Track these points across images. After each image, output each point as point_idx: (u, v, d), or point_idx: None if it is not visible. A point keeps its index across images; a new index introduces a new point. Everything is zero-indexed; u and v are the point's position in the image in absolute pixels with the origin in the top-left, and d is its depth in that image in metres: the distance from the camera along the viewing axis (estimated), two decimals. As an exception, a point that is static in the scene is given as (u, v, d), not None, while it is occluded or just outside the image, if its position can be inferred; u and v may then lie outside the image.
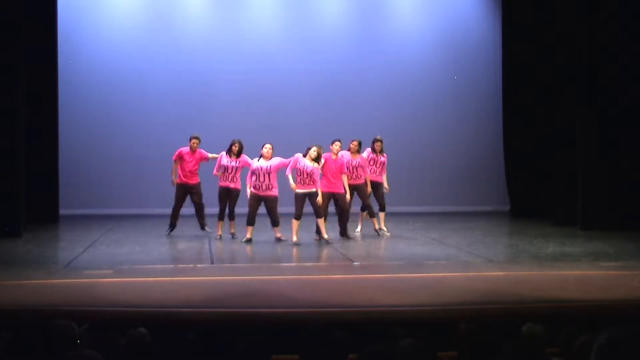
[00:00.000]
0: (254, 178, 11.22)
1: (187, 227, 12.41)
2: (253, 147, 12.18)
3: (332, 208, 11.77)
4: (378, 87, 16.13)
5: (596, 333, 4.00)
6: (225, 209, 11.72)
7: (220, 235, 11.76)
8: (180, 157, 12.04)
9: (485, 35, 16.37)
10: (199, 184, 12.13)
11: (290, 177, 11.08)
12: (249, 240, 11.32)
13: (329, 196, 11.46)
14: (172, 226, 12.19)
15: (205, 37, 15.89)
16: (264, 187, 11.19)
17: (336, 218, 11.76)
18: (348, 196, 11.54)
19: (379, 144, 12.18)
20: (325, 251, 10.83)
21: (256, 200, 11.30)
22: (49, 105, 14.02)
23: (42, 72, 13.70)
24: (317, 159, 11.13)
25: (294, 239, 11.15)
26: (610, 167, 12.42)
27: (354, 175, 11.83)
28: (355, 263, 9.75)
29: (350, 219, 11.77)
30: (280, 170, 11.30)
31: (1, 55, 11.76)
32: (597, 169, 12.50)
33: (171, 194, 14.23)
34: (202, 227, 12.17)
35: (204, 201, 12.18)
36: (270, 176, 11.18)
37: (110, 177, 15.46)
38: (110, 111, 15.52)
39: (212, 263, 9.88)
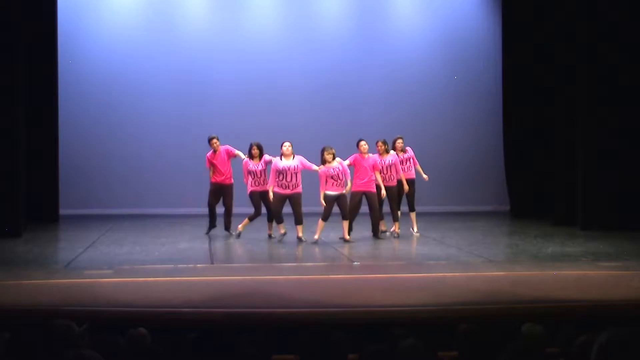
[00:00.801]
0: (280, 177, 11.22)
1: (188, 227, 12.41)
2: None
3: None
4: (378, 87, 16.13)
5: (596, 333, 4.00)
6: (260, 211, 11.67)
7: (240, 233, 11.72)
8: (210, 162, 12.00)
9: (485, 35, 16.37)
10: (231, 186, 12.07)
11: (322, 192, 11.18)
12: (284, 234, 11.34)
13: (361, 195, 11.48)
14: (212, 226, 12.13)
15: (205, 37, 15.88)
16: (291, 186, 11.25)
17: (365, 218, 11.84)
18: (383, 192, 11.54)
19: (400, 141, 12.17)
20: (325, 251, 10.83)
21: (281, 200, 11.33)
22: (49, 106, 14.02)
23: (42, 72, 13.71)
24: (333, 159, 11.22)
25: (316, 237, 11.23)
26: (610, 167, 12.42)
27: (386, 177, 11.78)
28: (355, 263, 9.75)
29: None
30: (304, 170, 11.39)
31: (1, 55, 11.75)
32: (597, 168, 12.49)
33: (171, 193, 14.30)
34: (227, 228, 12.07)
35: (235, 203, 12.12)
36: (297, 175, 11.26)
37: (110, 177, 15.47)
38: (110, 111, 15.52)
39: (212, 263, 9.88)
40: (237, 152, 11.97)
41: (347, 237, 11.31)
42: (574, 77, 12.88)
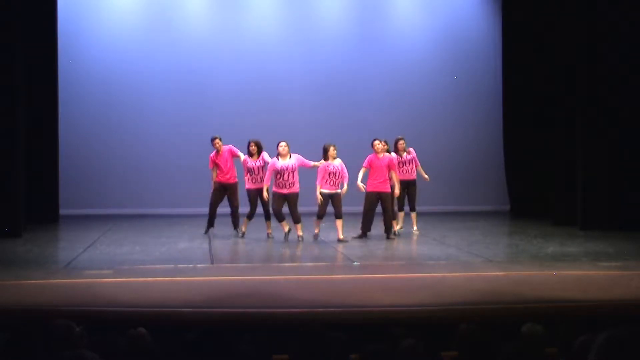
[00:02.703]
0: (278, 177, 11.26)
1: (188, 227, 12.42)
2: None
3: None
4: (378, 87, 16.14)
5: (596, 333, 4.00)
6: (255, 209, 11.73)
7: (244, 233, 11.80)
8: (214, 163, 12.01)
9: (485, 35, 16.38)
10: (236, 185, 12.07)
11: (319, 187, 11.30)
12: (289, 232, 11.41)
13: (376, 196, 11.49)
14: (210, 225, 12.13)
15: (205, 37, 15.89)
16: (288, 185, 11.28)
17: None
18: (397, 191, 11.58)
19: (402, 142, 12.23)
20: (325, 251, 10.83)
21: (281, 199, 11.34)
22: (49, 105, 14.02)
23: (42, 72, 13.71)
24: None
25: (316, 231, 11.46)
26: (610, 168, 12.42)
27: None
28: (355, 263, 9.75)
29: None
30: (301, 168, 11.41)
31: (1, 55, 11.75)
32: (597, 169, 12.50)
33: (171, 193, 14.30)
34: (235, 227, 12.10)
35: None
36: (294, 174, 11.29)
37: (110, 177, 15.47)
38: (110, 111, 15.52)
39: (212, 263, 9.88)
40: (239, 152, 11.97)
41: (341, 236, 11.35)
42: (574, 77, 12.87)
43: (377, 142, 11.55)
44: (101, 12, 15.66)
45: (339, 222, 11.38)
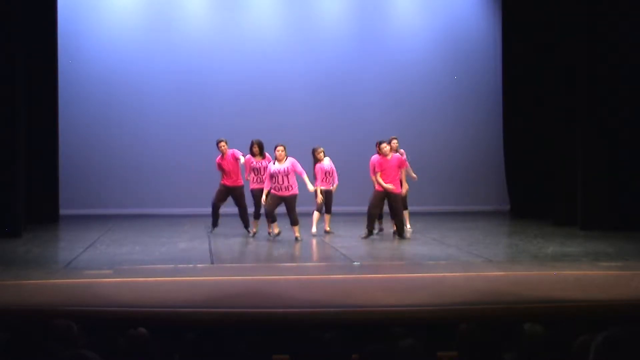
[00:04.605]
0: (273, 180, 11.40)
1: (188, 226, 12.42)
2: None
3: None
4: (378, 87, 16.14)
5: (596, 333, 4.00)
6: (261, 208, 11.84)
7: (255, 233, 11.95)
8: (219, 166, 12.06)
9: (485, 35, 16.38)
10: (242, 188, 12.18)
11: (309, 183, 11.52)
12: (278, 234, 11.57)
13: (384, 196, 11.57)
14: (215, 225, 12.20)
15: (205, 37, 15.90)
16: (283, 188, 11.40)
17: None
18: (406, 186, 11.90)
19: (395, 142, 12.21)
20: (325, 251, 10.84)
21: (276, 200, 11.49)
22: (49, 105, 14.02)
23: (42, 72, 13.71)
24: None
25: (313, 229, 11.78)
26: (610, 168, 12.42)
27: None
28: (355, 263, 9.75)
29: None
30: (296, 171, 11.51)
31: (1, 55, 11.75)
32: (597, 169, 12.49)
33: (171, 193, 14.30)
34: (246, 227, 12.20)
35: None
36: (289, 177, 11.41)
37: (110, 177, 15.47)
38: (110, 111, 15.53)
39: (212, 263, 9.88)
40: (240, 155, 12.01)
41: (328, 228, 12.08)
42: (574, 77, 12.87)
43: (383, 144, 11.57)
44: (101, 12, 15.67)
45: (327, 216, 12.07)
